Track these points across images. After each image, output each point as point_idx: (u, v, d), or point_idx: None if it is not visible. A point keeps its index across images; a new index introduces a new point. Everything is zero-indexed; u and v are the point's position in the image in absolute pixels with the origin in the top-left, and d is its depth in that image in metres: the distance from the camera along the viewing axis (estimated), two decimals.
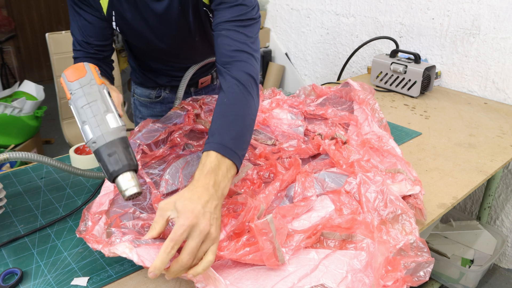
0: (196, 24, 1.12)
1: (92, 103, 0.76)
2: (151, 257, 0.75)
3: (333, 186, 0.98)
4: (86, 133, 0.74)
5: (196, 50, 1.24)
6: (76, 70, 0.78)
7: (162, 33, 1.12)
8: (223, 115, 0.86)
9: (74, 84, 0.77)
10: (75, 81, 0.77)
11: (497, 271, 2.08)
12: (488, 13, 1.80)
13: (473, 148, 1.36)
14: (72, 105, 0.77)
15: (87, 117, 0.75)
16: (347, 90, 1.38)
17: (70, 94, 0.77)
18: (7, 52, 4.11)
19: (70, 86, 0.77)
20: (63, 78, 0.79)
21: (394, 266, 0.75)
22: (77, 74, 0.77)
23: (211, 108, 1.28)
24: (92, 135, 0.73)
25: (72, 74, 0.78)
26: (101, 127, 0.74)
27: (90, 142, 0.74)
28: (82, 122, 0.75)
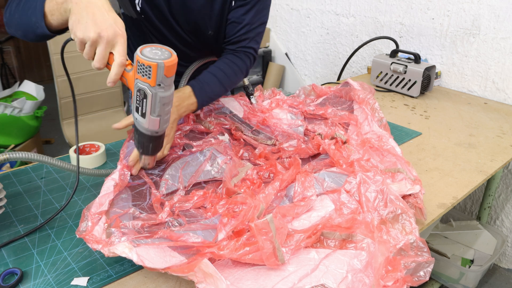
0: (218, 16, 1.16)
1: (171, 101, 0.81)
2: (150, 257, 0.75)
3: (333, 185, 0.98)
4: (154, 123, 0.81)
5: (204, 44, 1.25)
6: (175, 65, 0.77)
7: (181, 15, 1.14)
8: (214, 75, 1.15)
9: (168, 79, 0.77)
10: (170, 77, 0.77)
11: (497, 271, 2.08)
12: (488, 13, 1.80)
13: (473, 148, 1.36)
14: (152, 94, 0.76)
15: (163, 113, 0.80)
16: (347, 90, 1.38)
17: (157, 84, 0.75)
18: (7, 52, 4.11)
19: (165, 80, 0.76)
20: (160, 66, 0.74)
21: (394, 266, 0.75)
22: (174, 70, 0.77)
23: (211, 109, 1.29)
24: (159, 127, 0.82)
25: (172, 69, 0.76)
26: (167, 124, 0.84)
27: (153, 131, 0.83)
28: (157, 115, 0.79)
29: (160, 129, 0.83)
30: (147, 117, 0.79)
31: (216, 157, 1.06)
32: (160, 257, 0.76)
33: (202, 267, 0.71)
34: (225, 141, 1.14)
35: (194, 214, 0.91)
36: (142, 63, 0.74)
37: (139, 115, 0.80)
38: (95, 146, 1.21)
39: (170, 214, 0.89)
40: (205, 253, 0.76)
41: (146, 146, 0.85)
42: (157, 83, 0.75)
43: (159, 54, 0.75)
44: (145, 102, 0.77)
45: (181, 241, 0.79)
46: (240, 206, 0.88)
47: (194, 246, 0.78)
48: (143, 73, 0.75)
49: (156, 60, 0.73)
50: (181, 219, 0.88)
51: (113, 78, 0.76)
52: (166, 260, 0.76)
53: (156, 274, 0.81)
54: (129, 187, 0.97)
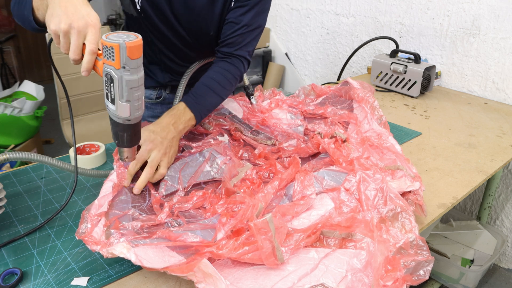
0: (219, 17, 1.16)
1: (140, 86, 0.79)
2: (149, 257, 0.75)
3: (332, 184, 0.98)
4: (123, 110, 0.79)
5: (205, 45, 1.25)
6: (139, 48, 0.76)
7: (183, 16, 1.14)
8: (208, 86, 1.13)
9: (133, 62, 0.76)
10: (134, 59, 0.76)
11: (497, 271, 2.08)
12: (488, 13, 1.80)
13: (473, 148, 1.36)
14: (123, 81, 0.76)
15: (131, 98, 0.78)
16: (346, 89, 1.38)
17: (122, 67, 0.75)
18: (7, 52, 4.11)
19: (130, 63, 0.75)
20: (122, 47, 0.73)
21: (393, 265, 0.75)
22: (138, 53, 0.76)
23: None
24: (130, 114, 0.80)
25: (136, 51, 0.75)
26: (140, 111, 0.81)
27: (124, 119, 0.81)
28: (126, 101, 0.78)
29: (132, 116, 0.80)
30: (116, 103, 0.78)
31: (215, 158, 1.06)
32: (158, 257, 0.76)
33: (202, 267, 0.71)
34: (225, 142, 1.13)
35: (194, 214, 0.91)
36: (105, 45, 0.74)
37: (109, 101, 0.79)
38: (95, 146, 1.21)
39: (170, 215, 0.89)
40: (204, 253, 0.76)
41: (120, 136, 0.84)
42: (121, 65, 0.75)
43: (124, 37, 0.75)
44: (112, 86, 0.77)
45: (180, 241, 0.79)
46: (239, 205, 0.88)
47: (193, 245, 0.78)
48: (107, 56, 0.75)
49: (118, 41, 0.73)
50: (181, 220, 0.88)
51: (85, 67, 0.78)
52: (164, 260, 0.76)
53: (156, 274, 0.81)
54: (128, 189, 0.97)
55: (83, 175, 1.01)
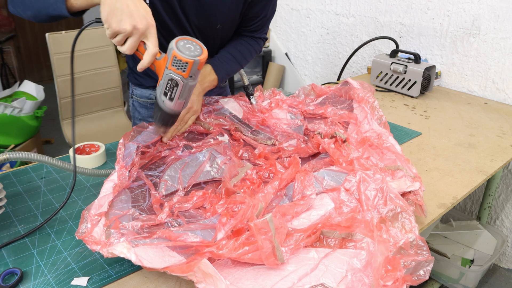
0: (229, 10, 1.19)
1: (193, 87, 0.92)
2: (149, 257, 0.75)
3: (332, 184, 0.98)
4: (179, 106, 0.92)
5: (208, 41, 1.25)
6: (206, 59, 0.87)
7: (192, 9, 1.14)
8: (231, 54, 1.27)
9: (199, 71, 0.89)
10: (200, 70, 0.89)
11: (497, 271, 2.08)
12: (488, 13, 1.80)
13: (473, 148, 1.36)
14: (184, 83, 0.87)
15: (188, 97, 0.91)
16: (346, 89, 1.38)
17: (189, 76, 0.86)
18: (7, 52, 4.11)
19: (196, 72, 0.87)
20: (195, 63, 0.84)
21: (393, 265, 0.75)
22: (203, 65, 0.89)
23: (210, 110, 1.29)
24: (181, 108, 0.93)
25: (203, 63, 0.87)
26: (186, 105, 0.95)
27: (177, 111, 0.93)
28: (183, 99, 0.91)
29: (183, 109, 0.94)
30: (175, 101, 0.90)
31: (215, 158, 1.06)
32: (158, 257, 0.76)
33: (202, 267, 0.71)
34: (225, 142, 1.13)
35: (194, 214, 0.91)
36: (180, 59, 0.83)
37: (167, 98, 0.90)
38: (95, 146, 1.21)
39: (170, 215, 0.89)
40: (204, 253, 0.76)
41: (166, 121, 0.96)
42: (189, 75, 0.86)
43: (193, 49, 0.85)
44: (176, 89, 0.88)
45: (180, 241, 0.79)
46: (239, 205, 0.88)
47: (193, 245, 0.78)
48: (178, 66, 0.85)
49: (192, 57, 0.83)
50: (181, 220, 0.88)
51: (145, 66, 0.84)
52: (164, 260, 0.76)
53: (156, 274, 0.81)
54: (128, 189, 0.97)
55: (84, 175, 1.01)
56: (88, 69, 2.27)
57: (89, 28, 2.43)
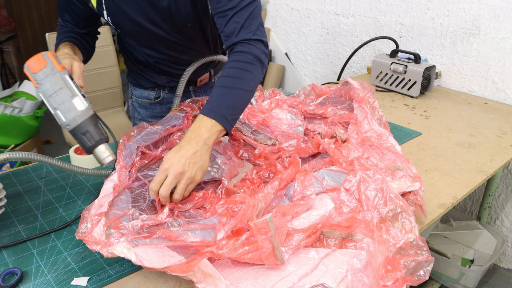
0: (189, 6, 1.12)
1: (58, 91, 0.85)
2: (149, 257, 0.75)
3: (332, 184, 0.98)
4: (59, 117, 0.85)
5: (191, 39, 1.23)
6: (37, 61, 0.84)
7: (152, 15, 1.12)
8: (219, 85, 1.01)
9: (39, 75, 0.84)
10: (39, 72, 0.84)
11: (497, 271, 2.08)
12: (488, 13, 1.80)
13: (473, 148, 1.36)
14: (41, 94, 0.85)
15: (57, 104, 0.85)
16: (346, 89, 1.38)
17: (37, 84, 0.84)
18: (7, 52, 4.11)
19: (35, 77, 0.84)
20: (27, 70, 0.84)
21: (394, 265, 0.75)
22: (39, 65, 0.83)
23: None
24: (64, 119, 0.85)
25: (35, 65, 0.83)
26: (71, 112, 0.85)
27: (64, 125, 0.86)
28: (54, 109, 0.85)
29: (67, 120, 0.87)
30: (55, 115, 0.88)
31: (215, 158, 1.06)
32: (158, 257, 0.76)
33: (202, 267, 0.71)
34: (225, 142, 1.13)
35: (194, 214, 0.91)
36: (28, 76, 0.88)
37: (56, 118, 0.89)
38: None
39: (170, 215, 0.89)
40: (204, 253, 0.76)
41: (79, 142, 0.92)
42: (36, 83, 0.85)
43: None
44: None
45: (180, 241, 0.79)
46: (239, 205, 0.88)
47: (193, 245, 0.78)
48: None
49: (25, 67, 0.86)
50: (181, 220, 0.88)
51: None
52: (164, 260, 0.76)
53: (156, 274, 0.81)
54: (128, 189, 0.97)
55: (84, 175, 1.01)
56: (88, 69, 2.27)
57: None
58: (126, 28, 1.16)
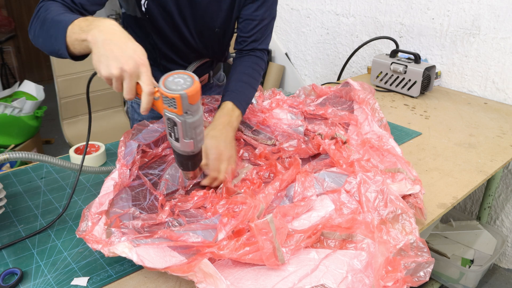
0: (226, 12, 1.18)
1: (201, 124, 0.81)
2: (150, 257, 0.75)
3: (333, 185, 0.98)
4: (188, 146, 0.81)
5: (208, 45, 1.26)
6: (198, 93, 0.76)
7: (189, 12, 1.14)
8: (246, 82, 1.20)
9: (194, 106, 0.77)
10: (195, 104, 0.77)
11: (497, 271, 2.08)
12: (488, 13, 1.80)
13: (473, 148, 1.36)
14: (181, 121, 0.77)
15: (196, 135, 0.81)
16: (347, 90, 1.38)
17: (184, 112, 0.76)
18: (7, 52, 4.11)
19: (189, 107, 0.76)
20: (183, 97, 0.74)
21: (394, 266, 0.75)
22: (198, 96, 0.77)
23: (211, 108, 1.29)
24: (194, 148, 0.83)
25: (196, 96, 0.76)
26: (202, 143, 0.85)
27: (190, 152, 0.84)
28: (189, 138, 0.80)
29: (195, 149, 0.84)
30: (181, 141, 0.81)
31: None
32: (160, 257, 0.76)
33: (202, 267, 0.71)
34: None
35: (194, 214, 0.91)
36: (166, 96, 0.74)
37: (173, 139, 0.82)
38: (95, 146, 1.21)
39: (170, 214, 0.89)
40: (205, 253, 0.76)
41: (185, 164, 0.88)
42: (183, 111, 0.76)
43: (181, 83, 0.75)
44: (176, 129, 0.79)
45: (181, 241, 0.79)
46: (240, 206, 0.88)
47: (194, 246, 0.78)
48: (169, 104, 0.75)
49: (178, 92, 0.73)
50: (181, 219, 0.88)
51: (144, 107, 0.78)
52: (166, 260, 0.76)
53: (156, 274, 0.81)
54: (129, 187, 0.97)
55: (85, 173, 1.01)
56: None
57: None
58: (155, 15, 1.15)
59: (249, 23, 1.21)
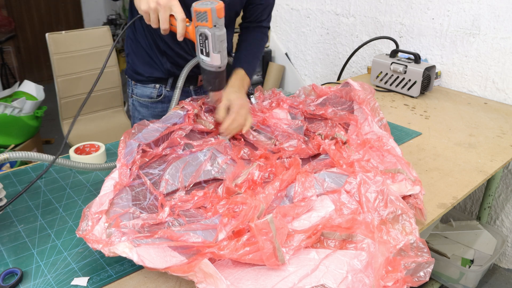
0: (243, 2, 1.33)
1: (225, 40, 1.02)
2: (151, 257, 0.75)
3: (333, 186, 0.98)
4: (216, 59, 1.02)
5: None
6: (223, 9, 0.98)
7: None
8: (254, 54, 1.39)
9: (221, 20, 0.98)
10: (221, 18, 0.98)
11: (497, 271, 2.08)
12: (488, 13, 1.80)
13: (473, 148, 1.36)
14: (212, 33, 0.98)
15: (222, 48, 1.01)
16: (347, 90, 1.38)
17: (213, 25, 0.97)
18: (7, 52, 4.11)
19: (217, 20, 0.97)
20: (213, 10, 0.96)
21: (394, 266, 0.75)
22: (223, 12, 0.98)
23: (211, 108, 1.29)
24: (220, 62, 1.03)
25: (221, 11, 0.97)
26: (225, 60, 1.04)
27: (216, 67, 1.04)
28: (217, 51, 1.01)
29: (222, 63, 1.04)
30: (211, 55, 1.01)
31: (216, 157, 1.06)
32: (160, 257, 0.76)
33: (202, 267, 0.71)
34: (225, 141, 1.13)
35: (194, 214, 0.91)
36: (199, 11, 0.97)
37: (204, 55, 1.03)
38: (95, 146, 1.21)
39: (170, 214, 0.89)
40: (205, 253, 0.76)
41: (213, 82, 1.08)
42: (213, 24, 0.97)
43: (209, 3, 0.97)
44: (207, 42, 1.00)
45: (182, 241, 0.79)
46: (241, 206, 0.88)
47: (194, 246, 0.78)
48: (201, 19, 0.97)
49: (209, 6, 0.96)
50: (181, 219, 0.88)
51: (181, 33, 0.99)
52: (166, 260, 0.76)
53: (156, 274, 0.81)
54: (129, 187, 0.97)
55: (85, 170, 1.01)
56: (88, 69, 2.27)
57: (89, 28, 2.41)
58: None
59: (259, 7, 1.39)
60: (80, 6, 4.73)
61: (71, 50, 2.21)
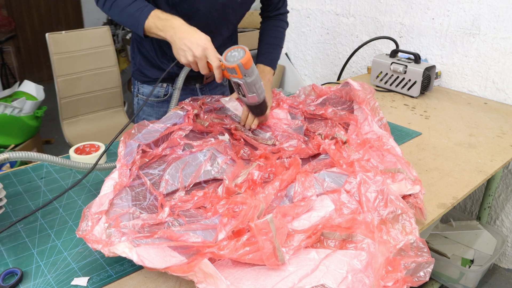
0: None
1: (259, 81, 1.12)
2: (151, 257, 0.75)
3: (333, 185, 0.98)
4: (252, 98, 1.13)
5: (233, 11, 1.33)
6: (250, 60, 1.04)
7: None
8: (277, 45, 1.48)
9: (249, 70, 1.05)
10: (250, 67, 1.05)
11: (497, 271, 2.08)
12: (488, 13, 1.80)
13: (473, 148, 1.36)
14: (243, 82, 1.07)
15: (256, 90, 1.11)
16: (347, 90, 1.38)
17: (243, 76, 1.06)
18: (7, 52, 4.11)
19: (245, 71, 1.05)
20: (240, 66, 1.03)
21: (394, 266, 0.75)
22: (250, 63, 1.05)
23: (211, 109, 1.29)
24: (258, 99, 1.14)
25: (248, 63, 1.04)
26: (263, 94, 1.16)
27: (256, 103, 1.15)
28: (252, 93, 1.11)
29: (259, 100, 1.14)
30: (247, 96, 1.12)
31: (216, 157, 1.06)
32: (160, 257, 0.76)
33: (202, 267, 0.71)
34: (225, 141, 1.14)
35: (194, 214, 0.91)
36: (228, 67, 1.05)
37: (241, 96, 1.14)
38: (95, 146, 1.21)
39: (170, 214, 0.89)
40: (205, 253, 0.76)
41: (255, 111, 1.20)
42: (242, 75, 1.06)
43: (236, 55, 1.05)
44: (241, 88, 1.10)
45: (181, 241, 0.79)
46: (240, 206, 0.88)
47: (194, 246, 0.78)
48: (231, 72, 1.06)
49: (236, 63, 1.03)
50: (181, 219, 0.88)
51: (218, 78, 1.08)
52: (166, 260, 0.76)
53: (156, 274, 0.81)
54: (129, 187, 0.96)
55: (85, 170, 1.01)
56: (88, 69, 2.27)
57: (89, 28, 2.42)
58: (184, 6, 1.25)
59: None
60: (80, 6, 4.73)
61: (71, 50, 2.21)
